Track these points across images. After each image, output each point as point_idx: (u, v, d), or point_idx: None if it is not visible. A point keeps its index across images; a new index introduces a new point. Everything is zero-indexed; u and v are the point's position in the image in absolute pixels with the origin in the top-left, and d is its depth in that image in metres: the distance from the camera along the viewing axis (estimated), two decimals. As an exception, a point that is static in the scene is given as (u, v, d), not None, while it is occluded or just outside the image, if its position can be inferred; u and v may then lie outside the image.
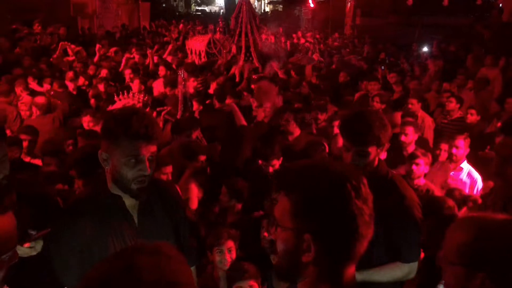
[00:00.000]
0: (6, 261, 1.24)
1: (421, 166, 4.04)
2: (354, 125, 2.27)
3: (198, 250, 3.01)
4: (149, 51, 9.63)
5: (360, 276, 2.11)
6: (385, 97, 6.42)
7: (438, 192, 3.97)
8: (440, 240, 2.83)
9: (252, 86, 7.18)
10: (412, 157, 4.09)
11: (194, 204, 3.71)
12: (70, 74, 7.56)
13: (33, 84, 7.21)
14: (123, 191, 1.96)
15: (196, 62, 9.74)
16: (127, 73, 8.03)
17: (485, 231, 1.21)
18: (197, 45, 10.21)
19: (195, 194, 3.73)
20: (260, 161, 4.08)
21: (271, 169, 3.93)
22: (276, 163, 3.97)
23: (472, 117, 6.03)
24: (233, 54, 9.80)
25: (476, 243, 1.20)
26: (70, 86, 7.29)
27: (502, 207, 1.93)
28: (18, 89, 6.61)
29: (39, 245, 2.02)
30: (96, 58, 9.58)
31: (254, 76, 8.08)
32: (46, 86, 7.16)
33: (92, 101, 6.79)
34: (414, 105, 6.02)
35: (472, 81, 7.90)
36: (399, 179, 2.40)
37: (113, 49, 10.77)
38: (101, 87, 7.39)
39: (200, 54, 10.06)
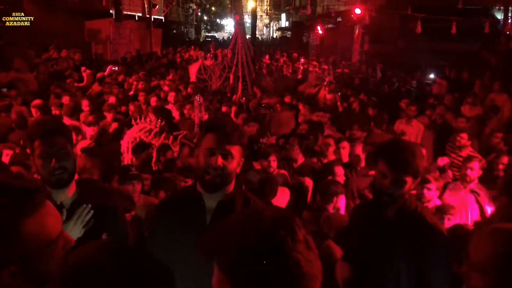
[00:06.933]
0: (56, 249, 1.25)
1: (432, 191, 4.13)
2: (397, 153, 2.22)
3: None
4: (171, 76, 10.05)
5: None
6: None
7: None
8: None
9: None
10: (424, 181, 4.07)
11: None
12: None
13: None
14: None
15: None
16: (153, 100, 7.71)
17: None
18: (193, 70, 10.70)
19: None
20: None
21: None
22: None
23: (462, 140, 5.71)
24: (223, 80, 10.29)
25: (507, 250, 1.30)
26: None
27: None
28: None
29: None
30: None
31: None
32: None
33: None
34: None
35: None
36: (427, 212, 2.38)
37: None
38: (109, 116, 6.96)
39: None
